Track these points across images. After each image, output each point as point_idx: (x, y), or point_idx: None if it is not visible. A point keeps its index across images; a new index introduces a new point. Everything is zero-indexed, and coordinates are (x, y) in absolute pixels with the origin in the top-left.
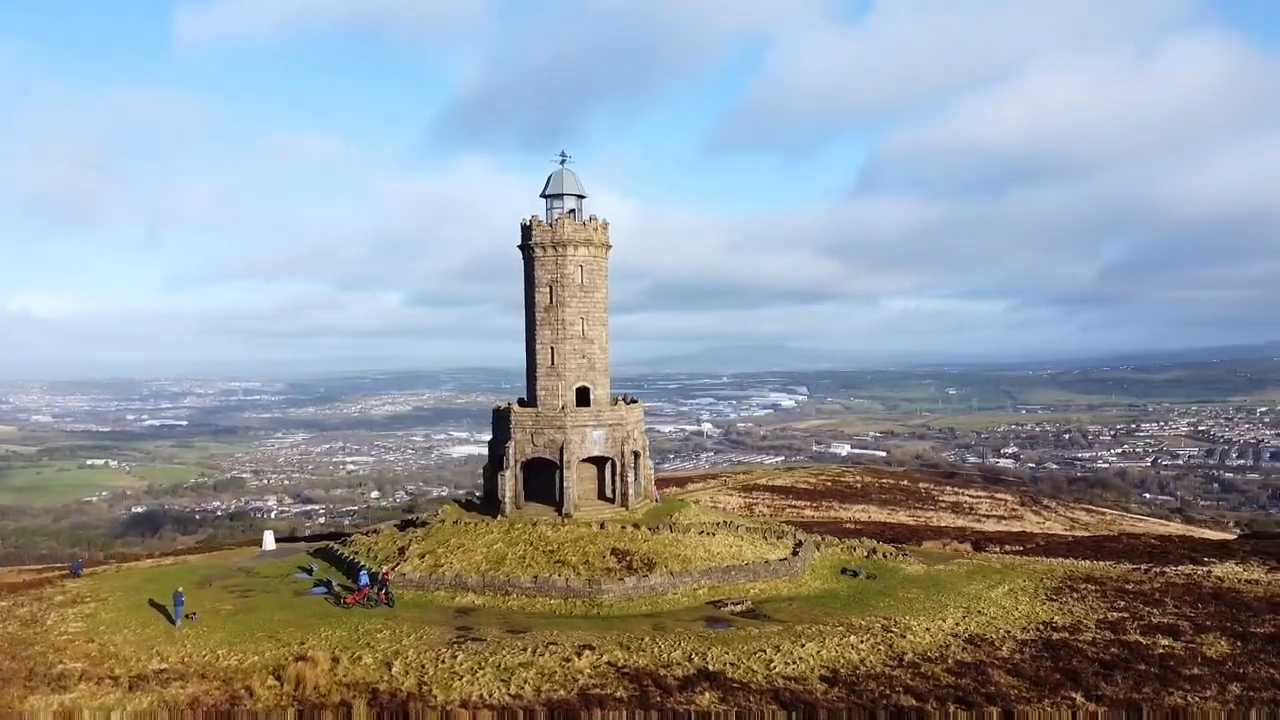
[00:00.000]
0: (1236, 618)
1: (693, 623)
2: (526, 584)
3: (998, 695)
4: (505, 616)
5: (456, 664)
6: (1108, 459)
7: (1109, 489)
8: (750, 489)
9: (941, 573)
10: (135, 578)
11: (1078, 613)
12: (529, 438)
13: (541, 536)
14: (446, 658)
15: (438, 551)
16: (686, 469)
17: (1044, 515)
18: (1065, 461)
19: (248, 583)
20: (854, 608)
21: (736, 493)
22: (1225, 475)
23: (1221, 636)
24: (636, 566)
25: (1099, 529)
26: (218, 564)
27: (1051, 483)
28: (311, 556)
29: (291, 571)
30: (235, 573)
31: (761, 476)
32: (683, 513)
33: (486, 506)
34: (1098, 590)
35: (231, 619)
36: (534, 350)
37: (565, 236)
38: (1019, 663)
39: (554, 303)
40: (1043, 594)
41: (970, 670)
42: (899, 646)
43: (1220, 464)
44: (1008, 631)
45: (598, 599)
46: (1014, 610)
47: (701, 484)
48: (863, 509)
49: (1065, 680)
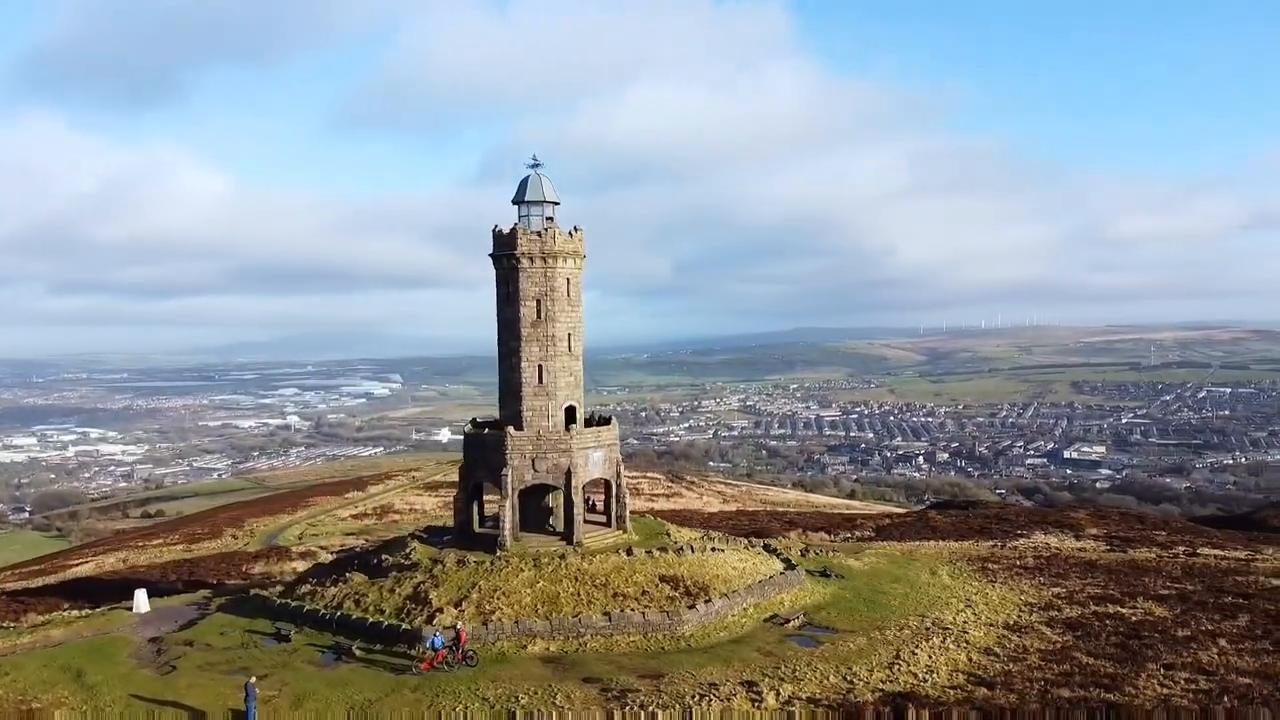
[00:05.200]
0: (1217, 589)
1: (780, 643)
2: (600, 623)
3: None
4: (600, 661)
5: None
6: (678, 433)
7: (688, 460)
8: (437, 487)
9: (878, 566)
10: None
11: (1058, 590)
12: (528, 463)
13: (580, 570)
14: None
15: (473, 597)
16: (293, 469)
17: (698, 491)
18: (644, 437)
19: (218, 658)
20: (878, 610)
21: (426, 492)
22: (770, 443)
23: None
24: (693, 592)
25: (747, 502)
26: (107, 642)
27: (645, 457)
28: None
29: (245, 641)
30: (173, 646)
31: (436, 473)
32: (677, 532)
33: (464, 539)
34: (1026, 570)
35: (303, 712)
36: (518, 367)
37: (556, 248)
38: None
39: (542, 317)
40: (981, 578)
41: (1057, 654)
42: (981, 642)
43: (765, 434)
44: (1023, 612)
45: (677, 630)
46: (1005, 596)
47: (381, 486)
48: None
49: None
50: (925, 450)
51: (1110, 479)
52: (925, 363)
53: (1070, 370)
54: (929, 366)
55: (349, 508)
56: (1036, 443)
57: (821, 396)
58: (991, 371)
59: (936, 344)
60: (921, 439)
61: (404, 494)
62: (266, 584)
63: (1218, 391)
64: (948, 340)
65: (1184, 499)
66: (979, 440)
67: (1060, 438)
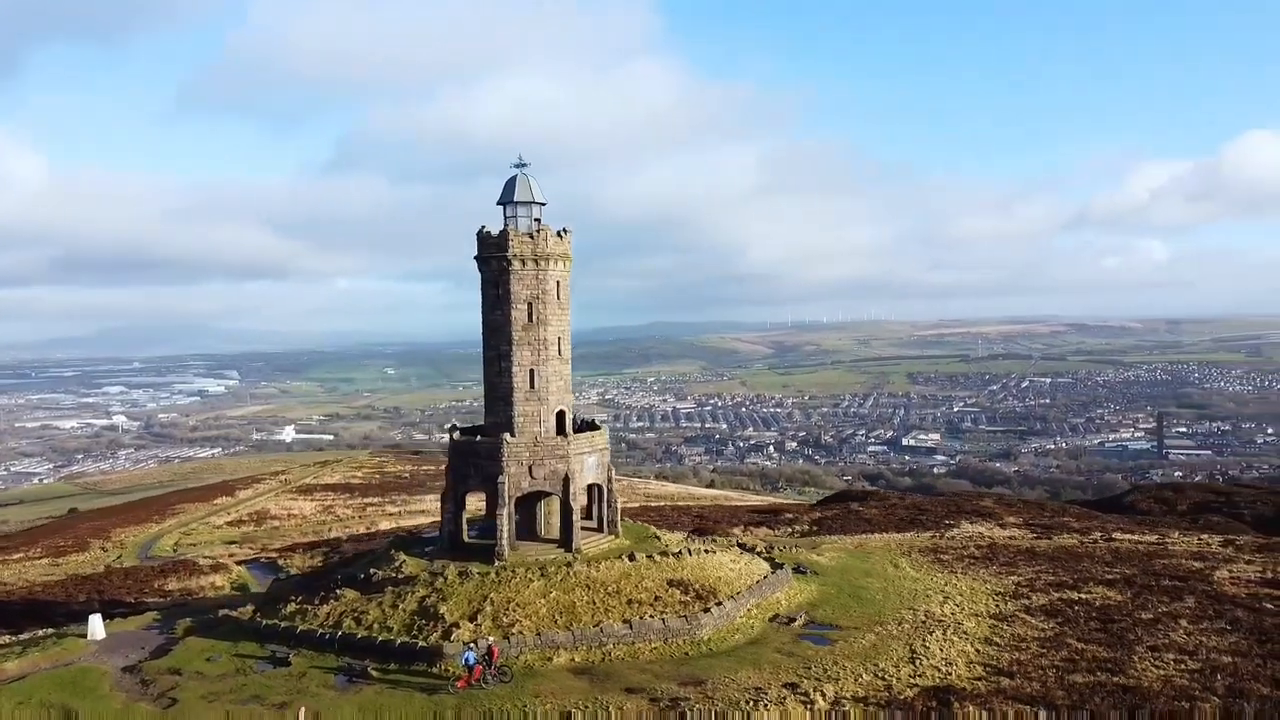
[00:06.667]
0: (1152, 572)
1: (795, 643)
2: (621, 631)
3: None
4: (631, 670)
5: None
6: None
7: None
8: (311, 490)
9: (843, 561)
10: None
11: (1016, 578)
12: (525, 470)
13: (590, 578)
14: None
15: (487, 610)
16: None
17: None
18: None
19: (220, 687)
20: (867, 605)
21: (301, 496)
22: (630, 436)
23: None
24: (703, 596)
25: (632, 496)
26: (78, 674)
27: None
28: (251, 642)
29: (240, 667)
30: (160, 677)
31: (305, 475)
32: (666, 535)
33: (454, 550)
34: (976, 560)
35: None
36: (508, 372)
37: (548, 250)
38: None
39: (534, 321)
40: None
41: (1052, 641)
42: (977, 633)
43: (625, 427)
44: (998, 602)
45: (696, 635)
46: (973, 587)
47: (251, 490)
48: (434, 499)
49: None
50: (775, 440)
51: (945, 464)
52: (773, 356)
53: (906, 362)
54: (777, 359)
55: (221, 515)
56: (877, 431)
57: (678, 389)
58: (834, 364)
59: (783, 338)
60: (772, 429)
61: (278, 499)
62: (233, 605)
63: (1039, 381)
64: (794, 334)
65: (1014, 482)
66: (824, 429)
67: (899, 426)
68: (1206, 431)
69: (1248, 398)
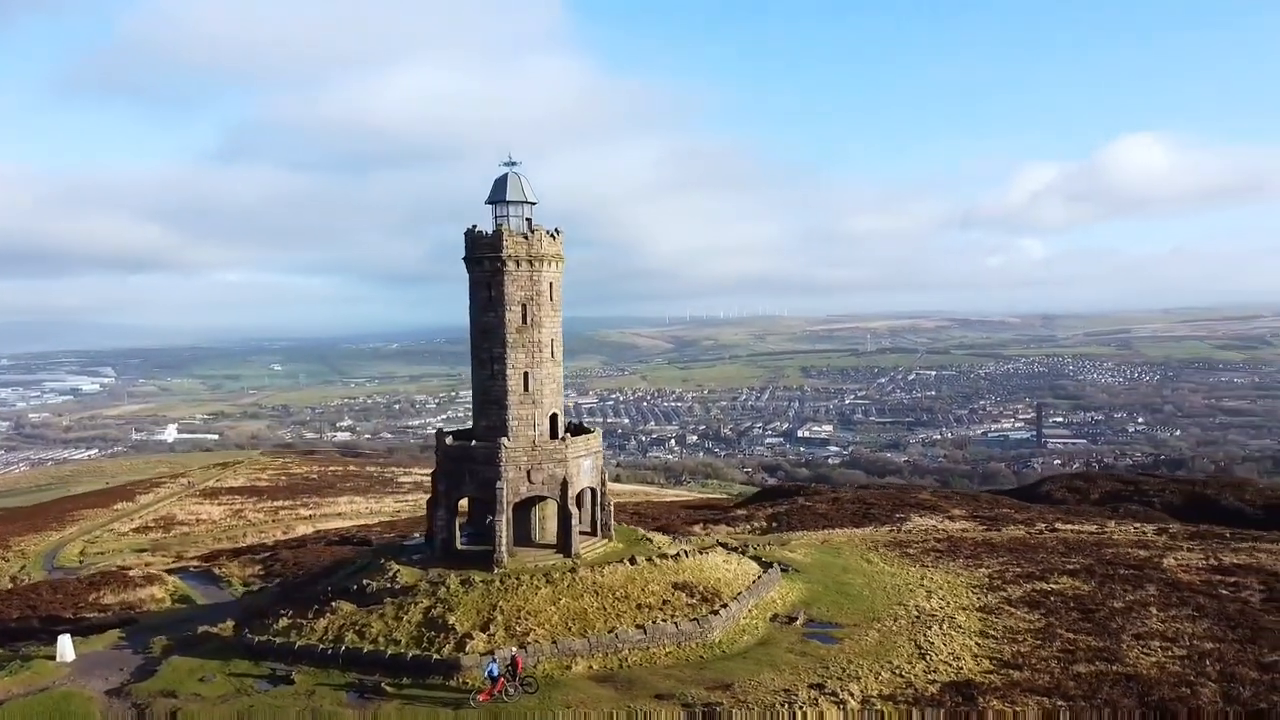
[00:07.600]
0: (1107, 562)
1: (803, 643)
2: (636, 637)
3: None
4: (652, 675)
5: None
6: (435, 425)
7: None
8: (215, 494)
9: (818, 558)
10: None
11: (986, 571)
12: (523, 475)
13: (597, 583)
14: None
15: (498, 620)
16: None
17: None
18: (399, 430)
19: (229, 711)
20: (856, 601)
21: (207, 500)
22: None
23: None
24: (709, 598)
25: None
26: (60, 699)
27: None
28: (242, 660)
29: (240, 687)
30: (155, 700)
31: (210, 478)
32: (658, 537)
33: (447, 557)
34: (941, 553)
35: None
36: (502, 375)
37: (543, 251)
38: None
39: (528, 323)
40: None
41: (1044, 632)
42: (971, 626)
43: None
44: (978, 595)
45: (708, 637)
46: (949, 580)
47: (152, 495)
48: (349, 501)
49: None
50: (677, 434)
51: (839, 455)
52: (673, 350)
53: (799, 356)
54: (676, 354)
55: (124, 521)
56: (773, 423)
57: (579, 384)
58: (732, 358)
59: (682, 332)
60: (673, 423)
61: (182, 503)
62: (198, 619)
63: (925, 374)
64: (692, 329)
65: (905, 471)
66: (724, 423)
67: (794, 418)
68: (1081, 421)
69: (1119, 389)
